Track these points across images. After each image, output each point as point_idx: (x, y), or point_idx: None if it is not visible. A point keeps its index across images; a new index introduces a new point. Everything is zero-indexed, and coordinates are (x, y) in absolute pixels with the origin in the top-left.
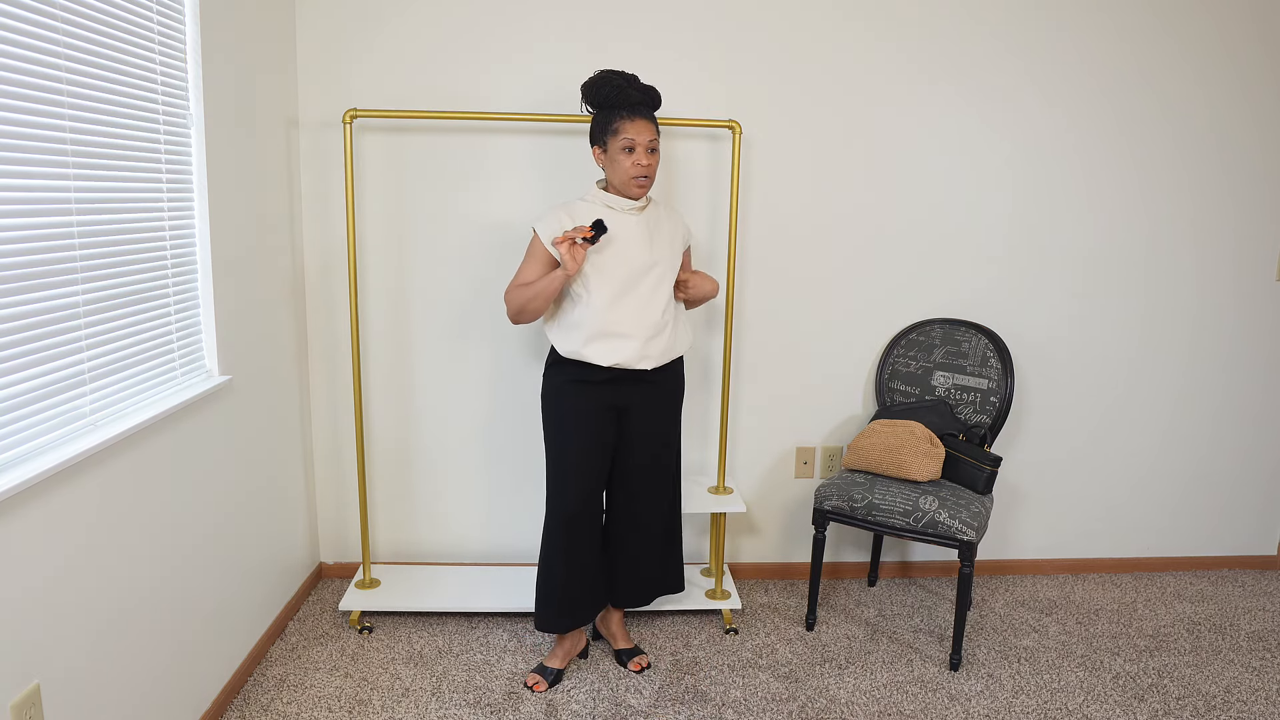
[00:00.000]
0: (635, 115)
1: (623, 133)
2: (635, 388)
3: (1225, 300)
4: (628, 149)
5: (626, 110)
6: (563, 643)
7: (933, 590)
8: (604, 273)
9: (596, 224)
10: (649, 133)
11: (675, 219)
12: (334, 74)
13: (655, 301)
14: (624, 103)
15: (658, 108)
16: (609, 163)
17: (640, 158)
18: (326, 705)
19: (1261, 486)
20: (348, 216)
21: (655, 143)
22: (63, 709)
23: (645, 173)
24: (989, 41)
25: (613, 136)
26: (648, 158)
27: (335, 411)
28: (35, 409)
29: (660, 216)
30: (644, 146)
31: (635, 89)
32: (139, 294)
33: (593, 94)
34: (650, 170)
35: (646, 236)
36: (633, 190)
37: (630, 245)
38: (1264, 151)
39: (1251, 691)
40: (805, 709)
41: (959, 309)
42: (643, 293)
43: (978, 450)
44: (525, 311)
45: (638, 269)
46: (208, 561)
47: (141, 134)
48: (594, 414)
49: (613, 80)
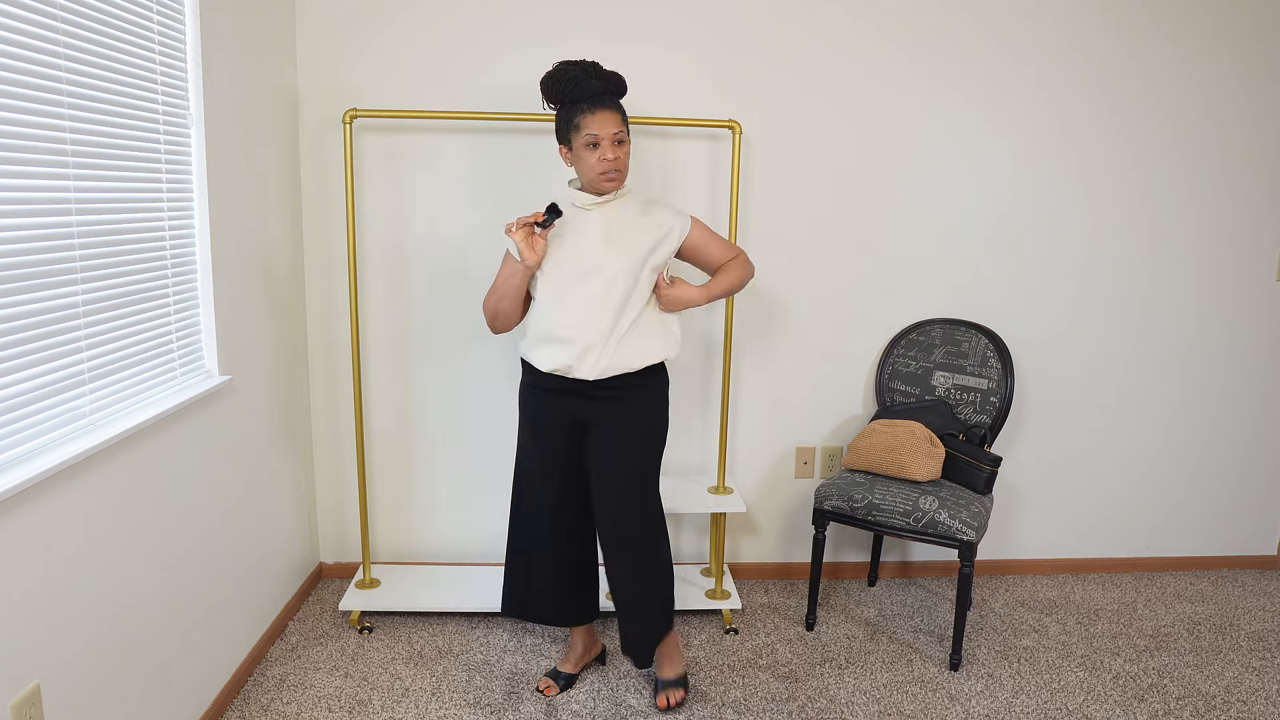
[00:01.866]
0: (597, 107)
1: (585, 128)
2: (590, 402)
3: (1225, 300)
4: (591, 144)
5: (588, 102)
6: (575, 647)
7: (933, 590)
8: (552, 271)
9: (550, 208)
10: (613, 124)
11: (657, 217)
12: (334, 74)
13: (605, 305)
14: (584, 95)
15: (623, 94)
16: (576, 160)
17: (605, 152)
18: (326, 705)
19: (1262, 486)
20: (348, 216)
21: (622, 134)
22: (63, 709)
23: (612, 167)
24: (990, 42)
25: (575, 133)
26: (614, 150)
27: (335, 411)
28: (35, 409)
29: (633, 214)
30: (609, 139)
31: (596, 78)
32: (138, 294)
33: (551, 90)
34: (618, 164)
35: (602, 234)
36: (602, 186)
37: (582, 242)
38: (1263, 150)
39: (1251, 691)
40: (805, 709)
41: (959, 309)
42: (590, 294)
43: (978, 450)
44: (499, 315)
45: (586, 269)
46: (207, 561)
47: (141, 134)
48: (549, 423)
49: (568, 72)
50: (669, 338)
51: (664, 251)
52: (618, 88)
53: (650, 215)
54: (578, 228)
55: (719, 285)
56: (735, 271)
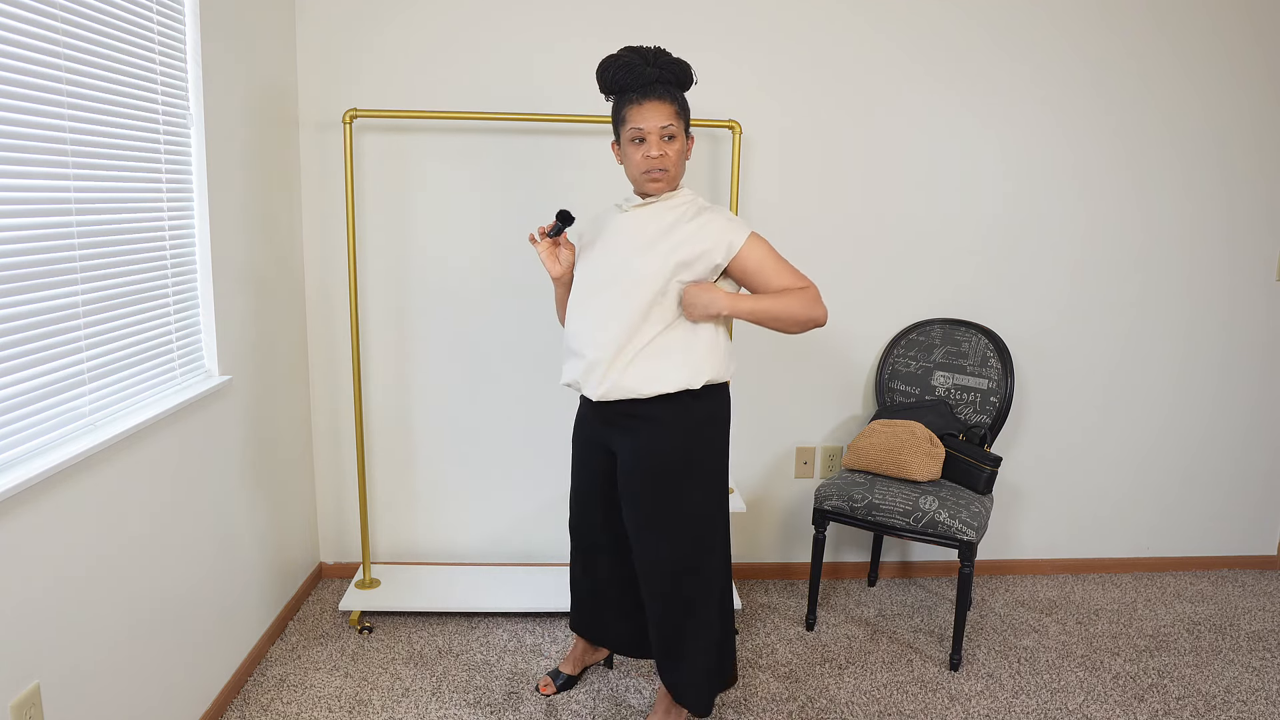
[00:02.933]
0: (646, 97)
1: (630, 120)
2: (611, 429)
3: (1223, 299)
4: (637, 139)
5: (638, 92)
6: (575, 647)
7: (933, 590)
8: (579, 277)
9: (560, 214)
10: (662, 117)
11: (709, 226)
12: (334, 74)
13: (615, 318)
14: (635, 83)
15: (686, 87)
16: (624, 158)
17: (650, 148)
18: (326, 705)
19: (1261, 486)
20: (348, 216)
21: (673, 128)
22: (63, 709)
23: (657, 165)
24: (989, 42)
25: (622, 126)
26: (660, 147)
27: (335, 412)
28: (35, 409)
29: (677, 219)
30: (656, 134)
31: (650, 64)
32: (138, 294)
33: (602, 78)
34: (666, 161)
35: (634, 239)
36: (646, 187)
37: (610, 248)
38: (1260, 149)
39: (1251, 691)
40: (805, 709)
41: (959, 309)
42: (604, 305)
43: (978, 450)
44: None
45: (606, 277)
46: (208, 561)
47: (141, 134)
48: (584, 441)
49: (622, 58)
50: (699, 362)
51: (704, 266)
52: (677, 77)
53: (699, 221)
54: (612, 231)
55: (760, 303)
56: (790, 300)
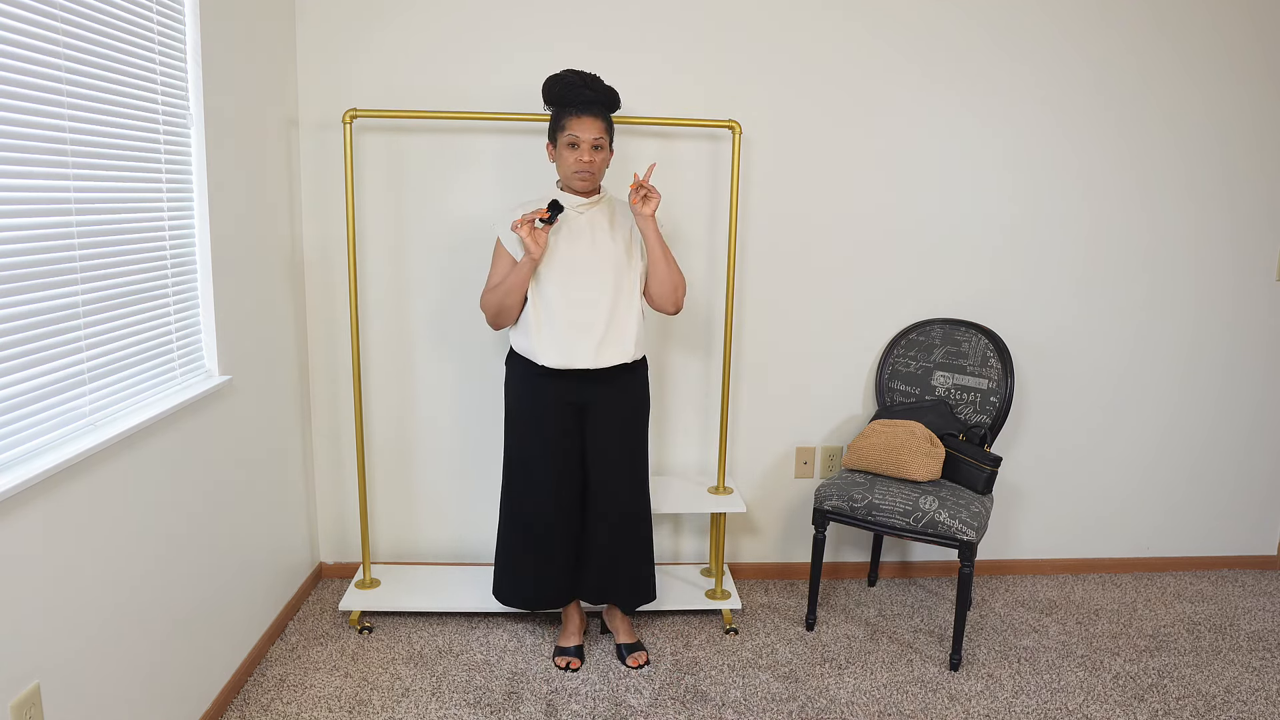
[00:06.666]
0: (584, 113)
1: (569, 129)
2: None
3: (1224, 299)
4: (571, 145)
5: (576, 108)
6: (571, 619)
7: (933, 590)
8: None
9: (552, 204)
10: (594, 131)
11: (625, 213)
12: (334, 74)
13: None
14: (575, 100)
15: (614, 109)
16: (557, 158)
17: (582, 154)
18: (326, 705)
19: (1261, 486)
20: (347, 216)
21: (602, 140)
22: (63, 709)
23: (585, 168)
24: (988, 42)
25: (560, 133)
26: (590, 154)
27: (335, 412)
28: (35, 409)
29: (614, 211)
30: (587, 143)
31: (589, 88)
32: (138, 294)
33: (548, 92)
34: (592, 166)
35: (598, 231)
36: (574, 183)
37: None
38: (1263, 150)
39: (1251, 691)
40: (805, 709)
41: (959, 309)
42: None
43: (978, 450)
44: (503, 310)
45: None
46: (207, 561)
47: (141, 134)
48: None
49: (566, 78)
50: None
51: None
52: (608, 100)
53: (624, 208)
54: (579, 227)
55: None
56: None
